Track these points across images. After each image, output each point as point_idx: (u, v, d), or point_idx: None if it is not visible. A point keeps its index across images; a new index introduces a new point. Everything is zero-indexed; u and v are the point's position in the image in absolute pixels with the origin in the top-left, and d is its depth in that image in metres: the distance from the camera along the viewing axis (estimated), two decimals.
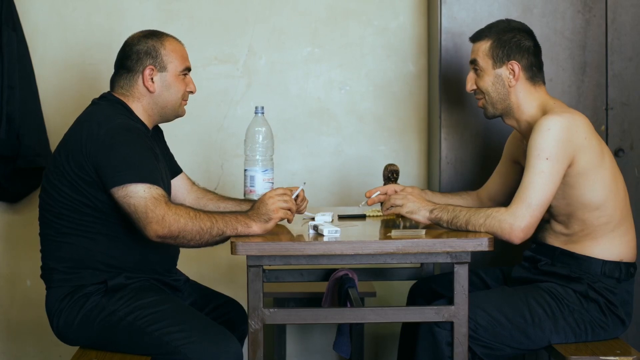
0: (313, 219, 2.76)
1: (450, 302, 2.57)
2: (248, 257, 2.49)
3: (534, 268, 2.89)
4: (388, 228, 2.73)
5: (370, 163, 3.82)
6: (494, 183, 3.14)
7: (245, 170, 2.98)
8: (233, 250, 2.47)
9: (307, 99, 3.84)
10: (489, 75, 2.88)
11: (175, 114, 2.89)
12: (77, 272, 2.71)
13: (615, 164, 2.85)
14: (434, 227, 2.74)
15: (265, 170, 2.97)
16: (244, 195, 3.00)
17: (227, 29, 3.82)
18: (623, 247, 2.83)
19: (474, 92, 2.95)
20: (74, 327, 2.69)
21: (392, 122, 3.85)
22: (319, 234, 2.60)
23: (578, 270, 2.80)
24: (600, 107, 3.44)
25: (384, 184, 3.06)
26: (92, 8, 3.80)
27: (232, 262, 3.82)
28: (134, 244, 2.73)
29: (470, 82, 2.93)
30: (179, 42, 2.89)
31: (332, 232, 2.56)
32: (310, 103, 3.84)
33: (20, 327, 3.86)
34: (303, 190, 2.81)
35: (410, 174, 3.82)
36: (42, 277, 2.79)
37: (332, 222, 2.75)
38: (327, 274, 3.25)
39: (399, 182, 3.18)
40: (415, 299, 3.14)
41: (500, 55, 2.86)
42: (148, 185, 2.61)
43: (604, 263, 2.80)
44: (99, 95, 2.86)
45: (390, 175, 3.07)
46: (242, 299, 3.09)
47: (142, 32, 2.87)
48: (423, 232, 2.59)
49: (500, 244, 2.69)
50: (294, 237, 2.62)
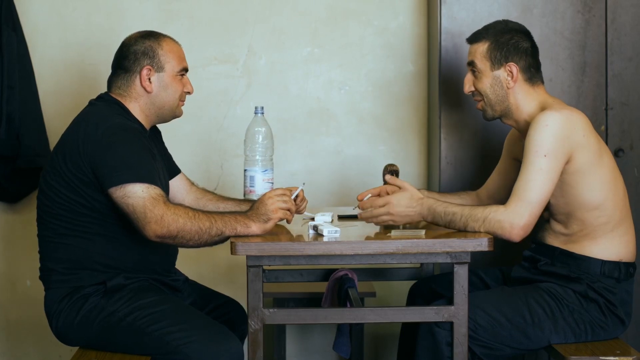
0: (313, 219, 2.76)
1: (450, 302, 2.57)
2: (248, 257, 2.49)
3: (534, 268, 2.88)
4: (388, 228, 2.73)
5: (370, 163, 3.82)
6: (494, 181, 3.14)
7: (245, 171, 2.98)
8: (233, 251, 2.47)
9: (307, 99, 3.84)
10: (487, 77, 2.88)
11: (173, 115, 2.89)
12: (75, 273, 2.71)
13: (615, 164, 2.85)
14: (434, 227, 2.74)
15: (265, 171, 2.97)
16: (244, 196, 2.99)
17: (227, 29, 3.82)
18: (623, 247, 2.83)
19: (472, 94, 2.94)
20: (74, 328, 2.69)
21: (391, 122, 3.84)
22: (319, 234, 2.60)
23: (577, 270, 2.80)
24: (600, 107, 3.44)
25: (384, 184, 3.05)
26: (92, 8, 3.80)
27: (231, 262, 3.82)
28: (133, 244, 2.73)
29: (468, 83, 2.93)
30: (176, 42, 2.89)
31: (331, 232, 2.56)
32: (310, 103, 3.84)
33: (20, 327, 3.86)
34: (302, 191, 2.82)
35: (410, 174, 3.82)
36: (40, 278, 2.79)
37: (331, 222, 2.75)
38: (327, 274, 3.24)
39: None
40: (415, 299, 3.13)
41: (499, 57, 2.86)
42: (146, 185, 2.61)
43: (604, 263, 2.80)
44: (96, 96, 2.86)
45: (390, 175, 3.06)
46: (241, 299, 3.08)
47: (139, 32, 2.87)
48: (423, 232, 2.59)
49: (500, 244, 2.68)
50: (294, 237, 2.62)
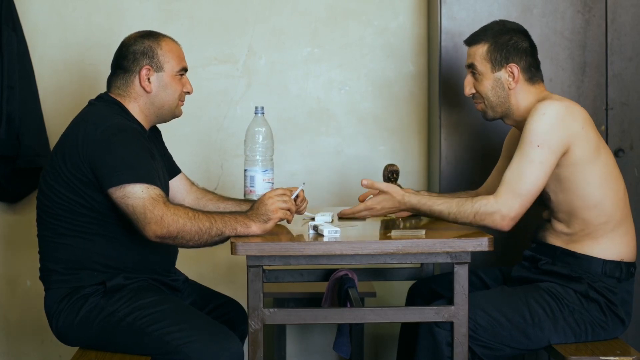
0: (313, 219, 2.76)
1: (450, 302, 2.57)
2: (248, 257, 2.48)
3: (534, 267, 2.88)
4: (388, 228, 2.73)
5: (370, 163, 3.81)
6: (494, 179, 3.13)
7: (245, 171, 2.98)
8: (233, 251, 2.47)
9: (306, 99, 3.84)
10: (488, 79, 2.87)
11: (172, 115, 2.89)
12: (75, 273, 2.71)
13: (614, 162, 2.84)
14: (434, 227, 2.74)
15: (265, 171, 2.97)
16: (244, 196, 2.99)
17: (227, 29, 3.82)
18: (624, 246, 2.83)
19: (472, 96, 2.94)
20: (74, 328, 2.69)
21: (392, 122, 3.84)
22: (319, 234, 2.60)
23: (579, 270, 2.80)
24: (600, 107, 3.44)
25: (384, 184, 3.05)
26: (92, 8, 3.80)
27: (231, 262, 3.82)
28: (132, 245, 2.73)
29: (469, 86, 2.92)
30: (176, 42, 2.89)
31: (332, 232, 2.56)
32: (310, 103, 3.84)
33: (20, 327, 3.86)
34: (303, 191, 2.81)
35: (410, 174, 3.82)
36: (40, 278, 2.79)
37: (332, 222, 2.75)
38: (327, 274, 3.24)
39: (399, 182, 3.18)
40: (415, 299, 3.13)
41: (499, 59, 2.85)
42: (146, 186, 2.61)
43: (605, 263, 2.80)
44: (96, 96, 2.86)
45: (390, 175, 3.07)
46: (242, 299, 3.08)
47: (138, 32, 2.87)
48: (423, 232, 2.59)
49: (500, 244, 2.68)
50: (294, 237, 2.62)
